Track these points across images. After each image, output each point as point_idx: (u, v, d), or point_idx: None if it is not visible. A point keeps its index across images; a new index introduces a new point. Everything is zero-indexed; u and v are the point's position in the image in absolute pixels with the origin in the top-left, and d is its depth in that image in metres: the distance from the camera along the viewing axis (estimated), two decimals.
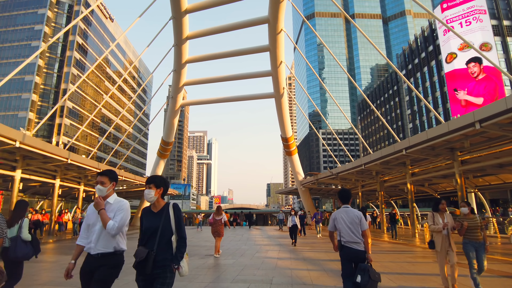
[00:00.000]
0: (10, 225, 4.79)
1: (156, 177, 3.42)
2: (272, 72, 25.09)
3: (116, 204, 3.32)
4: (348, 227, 4.58)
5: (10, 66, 67.34)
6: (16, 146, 13.17)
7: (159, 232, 3.14)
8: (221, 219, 11.24)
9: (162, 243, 3.14)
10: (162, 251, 3.11)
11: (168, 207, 3.31)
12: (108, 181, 3.34)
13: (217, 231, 11.09)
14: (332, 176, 25.54)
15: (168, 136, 31.18)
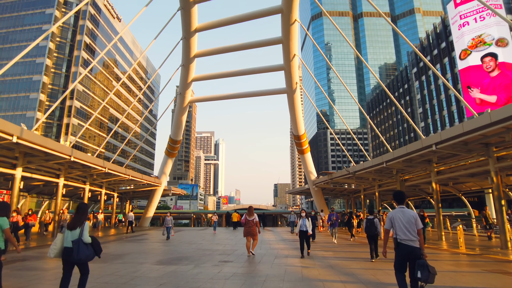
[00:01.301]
0: (73, 228, 5.03)
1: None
2: (285, 66, 23.87)
3: None
4: (404, 226, 4.98)
5: (18, 66, 67.23)
6: (13, 141, 12.18)
7: None
8: (254, 219, 11.36)
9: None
10: None
11: None
12: None
13: (250, 231, 11.25)
14: (348, 175, 24.23)
15: (176, 134, 30.13)
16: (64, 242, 4.98)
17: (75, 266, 5.09)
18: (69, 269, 5.04)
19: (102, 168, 19.87)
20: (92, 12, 76.52)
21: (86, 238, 4.99)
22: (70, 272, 5.06)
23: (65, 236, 5.02)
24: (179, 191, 41.79)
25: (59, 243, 4.99)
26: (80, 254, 4.86)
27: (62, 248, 5.00)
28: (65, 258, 4.96)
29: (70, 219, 5.25)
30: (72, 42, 72.71)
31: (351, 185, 34.67)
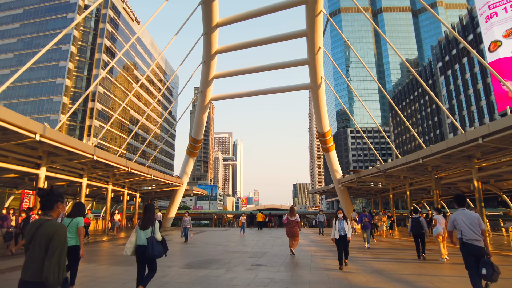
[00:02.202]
0: (145, 227, 5.42)
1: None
2: (309, 60, 22.92)
3: None
4: (468, 227, 5.22)
5: (42, 70, 68.97)
6: (36, 139, 11.84)
7: None
8: (295, 220, 11.45)
9: None
10: None
11: None
12: None
13: (292, 231, 11.36)
14: (378, 173, 23.02)
15: (197, 133, 29.66)
16: (137, 241, 5.41)
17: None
18: (142, 266, 5.47)
19: (124, 168, 19.52)
20: (112, 15, 77.63)
21: (158, 236, 5.43)
22: (144, 268, 5.49)
23: (138, 235, 5.43)
24: (200, 191, 41.42)
25: (134, 242, 5.40)
26: (154, 251, 5.26)
27: (136, 246, 5.42)
28: (139, 256, 5.38)
29: (141, 219, 5.63)
30: (93, 45, 73.96)
31: (378, 184, 33.36)
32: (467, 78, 64.40)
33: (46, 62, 68.72)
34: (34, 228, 2.79)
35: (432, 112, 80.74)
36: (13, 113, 10.81)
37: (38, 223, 2.81)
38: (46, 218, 2.86)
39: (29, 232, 2.79)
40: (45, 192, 2.98)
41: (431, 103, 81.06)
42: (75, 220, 5.79)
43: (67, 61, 68.46)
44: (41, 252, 2.67)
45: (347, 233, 9.18)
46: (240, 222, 24.07)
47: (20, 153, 14.69)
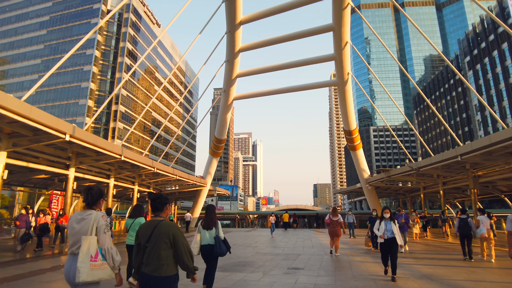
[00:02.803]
0: (208, 227, 5.61)
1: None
2: (336, 56, 22.21)
3: None
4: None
5: (68, 75, 71.01)
6: (66, 139, 11.81)
7: None
8: (338, 220, 11.62)
9: None
10: None
11: None
12: None
13: (334, 231, 11.49)
14: (410, 172, 22.00)
15: (221, 133, 29.46)
16: (202, 241, 5.61)
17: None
18: (210, 265, 5.68)
19: (151, 168, 19.48)
20: (134, 19, 79.02)
21: (221, 235, 5.66)
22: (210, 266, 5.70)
23: (202, 235, 5.63)
24: (223, 191, 41.29)
25: (199, 242, 5.60)
26: (222, 249, 5.50)
27: (201, 246, 5.62)
28: (205, 255, 5.61)
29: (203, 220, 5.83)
30: (115, 49, 75.51)
31: (406, 183, 32.16)
32: (498, 72, 61.48)
33: (71, 66, 70.73)
34: (150, 229, 3.07)
35: (460, 108, 77.68)
36: (44, 114, 10.80)
37: (153, 224, 3.10)
38: (159, 219, 3.16)
39: (146, 233, 3.07)
40: (156, 196, 3.26)
41: (459, 99, 78.01)
42: (137, 220, 6.41)
43: (91, 65, 70.17)
44: (160, 249, 2.96)
45: (397, 237, 7.47)
46: (269, 223, 23.15)
47: (50, 154, 14.81)
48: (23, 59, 77.65)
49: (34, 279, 7.35)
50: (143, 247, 3.06)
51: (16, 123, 10.90)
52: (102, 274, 2.94)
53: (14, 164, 12.93)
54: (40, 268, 8.91)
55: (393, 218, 7.80)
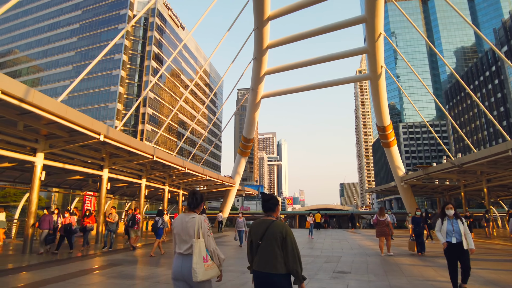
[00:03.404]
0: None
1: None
2: (369, 48, 21.25)
3: None
4: None
5: (97, 79, 73.20)
6: (100, 140, 11.75)
7: None
8: (385, 220, 11.49)
9: None
10: None
11: None
12: None
13: (382, 231, 11.43)
14: (450, 169, 20.70)
15: (249, 132, 29.09)
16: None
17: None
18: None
19: (181, 168, 19.37)
20: (159, 23, 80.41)
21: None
22: None
23: None
24: (252, 191, 40.97)
25: None
26: None
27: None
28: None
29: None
30: (142, 53, 77.14)
31: (445, 181, 30.53)
32: None
33: (101, 71, 72.90)
34: (263, 227, 3.22)
35: (497, 101, 73.52)
36: (79, 114, 10.77)
37: (266, 223, 3.24)
38: (272, 219, 3.28)
39: (258, 231, 3.24)
40: (269, 197, 3.37)
41: (496, 92, 73.84)
42: None
43: (119, 69, 72.01)
44: (273, 248, 3.08)
45: (468, 241, 5.93)
46: (308, 224, 22.04)
47: (84, 155, 14.92)
48: (56, 66, 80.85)
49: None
50: (255, 244, 3.24)
51: (53, 124, 10.93)
52: (213, 273, 3.25)
53: (51, 165, 13.06)
54: (71, 272, 8.78)
55: (458, 215, 6.26)
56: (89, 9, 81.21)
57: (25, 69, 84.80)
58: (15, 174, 17.02)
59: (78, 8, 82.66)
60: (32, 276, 7.74)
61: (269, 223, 3.22)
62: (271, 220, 3.25)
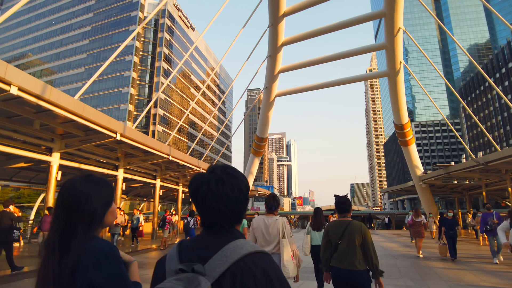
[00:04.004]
0: (318, 229, 5.81)
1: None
2: (387, 44, 20.61)
3: None
4: None
5: (109, 81, 73.73)
6: (117, 138, 11.47)
7: None
8: (421, 221, 11.44)
9: None
10: None
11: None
12: None
13: (418, 231, 11.38)
14: (473, 168, 19.94)
15: (263, 131, 28.66)
16: (312, 241, 5.82)
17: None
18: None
19: (197, 168, 19.05)
20: (169, 24, 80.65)
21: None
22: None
23: (313, 236, 5.85)
24: (264, 191, 40.51)
25: (309, 242, 5.80)
26: None
27: (311, 246, 5.83)
28: (316, 254, 5.71)
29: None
30: (153, 54, 77.42)
31: (464, 181, 29.63)
32: None
33: (112, 73, 73.38)
34: (342, 228, 3.39)
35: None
36: (96, 112, 10.50)
37: (344, 223, 3.42)
38: (348, 219, 3.46)
39: (337, 231, 3.40)
40: (343, 199, 3.55)
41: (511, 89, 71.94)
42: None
43: (131, 71, 72.38)
44: (353, 246, 3.25)
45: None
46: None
47: (99, 155, 14.69)
48: (68, 69, 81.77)
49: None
50: (333, 244, 3.39)
51: (69, 123, 10.69)
52: (296, 271, 3.49)
53: (67, 165, 12.84)
54: None
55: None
56: (101, 12, 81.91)
57: (38, 72, 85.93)
58: (31, 174, 16.91)
59: (90, 11, 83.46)
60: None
61: (347, 223, 3.41)
62: (348, 220, 3.44)
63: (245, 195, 1.09)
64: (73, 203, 1.23)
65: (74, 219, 1.21)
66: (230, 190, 1.05)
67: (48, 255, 1.18)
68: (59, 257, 1.16)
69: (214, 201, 1.03)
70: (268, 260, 0.97)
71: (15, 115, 9.63)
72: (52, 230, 1.22)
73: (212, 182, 1.04)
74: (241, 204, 1.08)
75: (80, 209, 1.23)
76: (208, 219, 1.06)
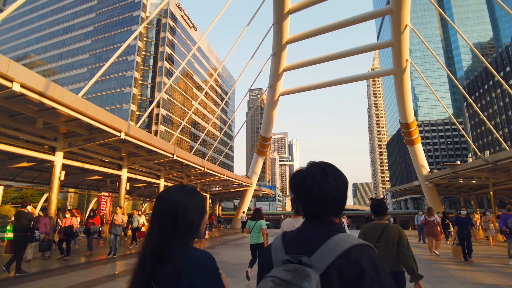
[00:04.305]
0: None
1: None
2: (393, 41, 20.31)
3: None
4: None
5: (111, 81, 73.65)
6: (121, 137, 11.24)
7: None
8: (434, 220, 11.57)
9: None
10: None
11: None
12: None
13: (431, 232, 11.53)
14: (482, 167, 19.61)
15: (267, 131, 28.40)
16: None
17: None
18: None
19: (201, 168, 18.82)
20: (171, 24, 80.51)
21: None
22: None
23: None
24: (268, 191, 40.29)
25: None
26: None
27: None
28: None
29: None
30: (155, 54, 77.29)
31: (471, 180, 29.26)
32: None
33: (115, 73, 73.29)
34: (379, 230, 3.49)
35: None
36: (100, 110, 10.25)
37: (381, 226, 3.52)
38: (385, 222, 3.57)
39: (374, 234, 3.49)
40: (380, 202, 3.67)
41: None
42: (259, 222, 7.08)
43: (133, 71, 72.27)
44: (391, 249, 3.35)
45: None
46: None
47: (103, 154, 14.48)
48: (71, 69, 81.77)
49: None
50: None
51: (73, 122, 10.47)
52: None
53: (70, 164, 12.63)
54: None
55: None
56: (103, 12, 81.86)
57: (41, 72, 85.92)
58: (34, 174, 16.74)
59: (92, 11, 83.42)
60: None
61: (384, 226, 3.50)
62: (385, 223, 3.53)
63: (346, 187, 1.16)
64: (173, 213, 1.26)
65: (172, 229, 1.25)
66: (333, 181, 1.12)
67: (142, 263, 1.24)
68: (152, 266, 1.21)
69: (320, 191, 1.10)
70: (372, 252, 1.02)
71: (18, 113, 9.42)
72: (149, 239, 1.27)
73: (317, 174, 1.13)
74: (344, 195, 1.14)
75: (179, 219, 1.26)
76: (312, 210, 1.14)
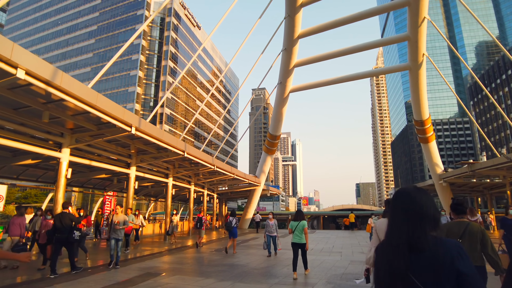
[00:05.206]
0: None
1: None
2: (410, 35, 19.53)
3: None
4: None
5: (115, 80, 73.21)
6: (131, 132, 10.55)
7: None
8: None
9: None
10: None
11: None
12: None
13: None
14: (501, 165, 18.82)
15: (276, 128, 27.69)
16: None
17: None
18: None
19: (211, 166, 18.14)
20: (175, 23, 79.98)
21: None
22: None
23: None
24: (276, 191, 39.59)
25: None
26: None
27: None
28: None
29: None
30: (159, 53, 76.79)
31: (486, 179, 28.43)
32: None
33: (119, 72, 72.87)
34: (462, 228, 3.67)
35: None
36: (110, 102, 9.56)
37: (463, 224, 3.69)
38: (466, 221, 3.74)
39: (456, 232, 3.67)
40: (460, 202, 3.85)
41: None
42: (301, 223, 7.69)
43: (137, 69, 71.82)
44: (475, 245, 3.55)
45: None
46: (368, 227, 20.08)
47: (111, 151, 13.82)
48: (75, 68, 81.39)
49: None
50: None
51: (81, 115, 9.82)
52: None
53: (77, 162, 11.98)
54: None
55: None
56: (107, 11, 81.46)
57: None
58: (39, 172, 16.11)
59: (96, 10, 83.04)
60: None
61: (466, 224, 3.63)
62: (467, 222, 3.66)
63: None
64: (420, 211, 1.57)
65: (422, 223, 1.54)
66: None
67: (396, 252, 1.52)
68: (407, 255, 1.51)
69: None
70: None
71: (23, 106, 8.77)
72: (399, 233, 1.57)
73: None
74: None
75: (426, 215, 1.56)
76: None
